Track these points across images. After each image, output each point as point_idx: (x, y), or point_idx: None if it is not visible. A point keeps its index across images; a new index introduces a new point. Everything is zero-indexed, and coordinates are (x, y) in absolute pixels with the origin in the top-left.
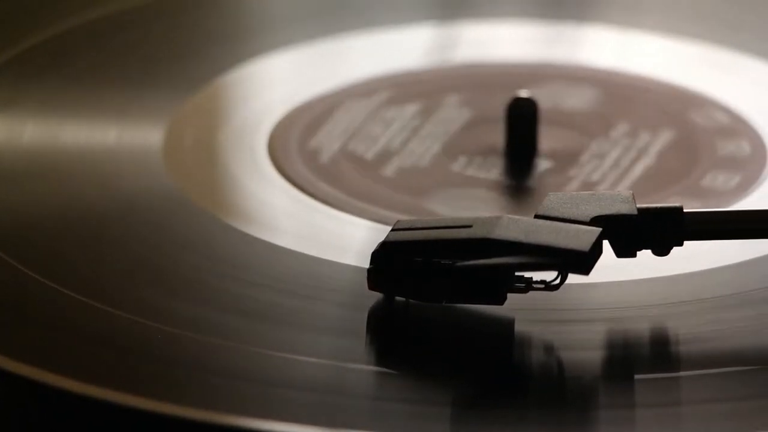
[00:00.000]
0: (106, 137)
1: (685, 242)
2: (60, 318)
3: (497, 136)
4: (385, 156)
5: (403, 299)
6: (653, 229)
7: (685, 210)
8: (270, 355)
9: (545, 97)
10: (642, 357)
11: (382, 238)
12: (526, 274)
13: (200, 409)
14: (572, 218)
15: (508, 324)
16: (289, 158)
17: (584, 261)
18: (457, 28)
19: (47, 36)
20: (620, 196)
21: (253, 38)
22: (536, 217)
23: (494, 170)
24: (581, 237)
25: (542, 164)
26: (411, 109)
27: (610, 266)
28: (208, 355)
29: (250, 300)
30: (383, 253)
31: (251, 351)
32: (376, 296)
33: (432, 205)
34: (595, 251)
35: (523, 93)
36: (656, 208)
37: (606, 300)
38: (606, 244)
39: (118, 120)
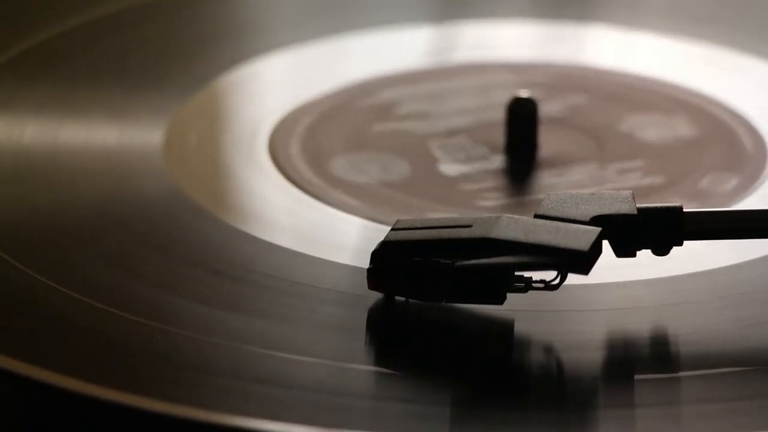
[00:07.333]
0: (106, 137)
1: (685, 242)
2: (60, 317)
3: (497, 136)
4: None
5: (402, 299)
6: (653, 229)
7: (684, 210)
8: (270, 355)
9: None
10: (642, 357)
11: (381, 238)
12: (526, 274)
13: (200, 409)
14: (572, 218)
15: (507, 324)
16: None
17: (584, 261)
18: (457, 28)
19: (46, 36)
20: (620, 196)
21: (253, 38)
22: (536, 216)
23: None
24: (581, 237)
25: (542, 164)
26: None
27: (609, 266)
28: (208, 354)
29: (251, 299)
30: (383, 253)
31: (251, 351)
32: (376, 296)
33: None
34: (595, 251)
35: (523, 93)
36: (656, 208)
37: (606, 300)
38: (606, 243)
39: (118, 120)
